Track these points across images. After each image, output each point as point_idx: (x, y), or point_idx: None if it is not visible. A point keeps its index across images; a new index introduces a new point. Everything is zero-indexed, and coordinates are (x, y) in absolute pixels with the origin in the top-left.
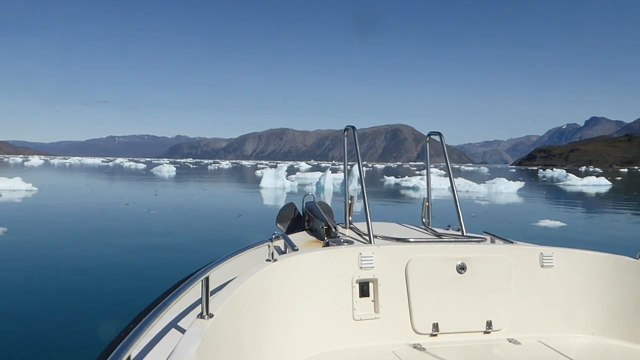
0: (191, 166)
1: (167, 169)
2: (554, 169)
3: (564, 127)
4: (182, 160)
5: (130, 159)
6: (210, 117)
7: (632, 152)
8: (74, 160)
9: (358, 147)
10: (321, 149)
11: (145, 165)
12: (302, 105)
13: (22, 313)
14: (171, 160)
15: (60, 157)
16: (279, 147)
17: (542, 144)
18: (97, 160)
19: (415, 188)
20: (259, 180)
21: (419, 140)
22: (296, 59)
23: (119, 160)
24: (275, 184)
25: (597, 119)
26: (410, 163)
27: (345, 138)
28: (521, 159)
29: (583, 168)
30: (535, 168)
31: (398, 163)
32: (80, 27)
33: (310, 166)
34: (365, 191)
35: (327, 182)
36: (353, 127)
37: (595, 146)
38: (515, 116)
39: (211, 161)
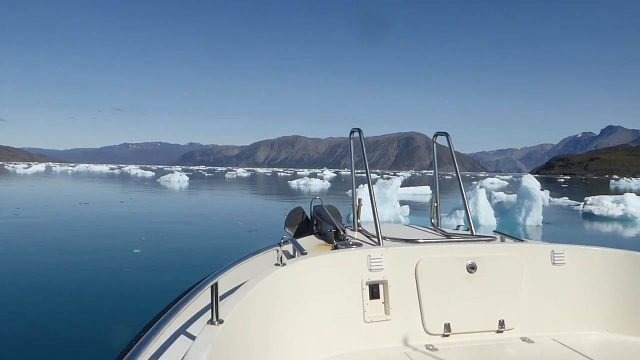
0: (205, 174)
1: (177, 178)
2: (630, 179)
3: (579, 135)
4: (195, 168)
5: (142, 166)
6: (223, 125)
7: None
8: (81, 167)
9: (365, 150)
10: (333, 156)
11: (153, 174)
12: (314, 112)
13: (35, 322)
14: (184, 167)
15: (67, 164)
16: (291, 154)
17: (556, 152)
18: (105, 168)
19: (628, 220)
20: (309, 196)
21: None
22: (309, 66)
23: (127, 167)
24: (382, 211)
25: (614, 128)
26: (424, 171)
27: (352, 141)
28: (538, 167)
29: (616, 177)
30: (564, 178)
31: (411, 171)
32: (95, 34)
33: (334, 174)
34: (372, 193)
35: (482, 206)
36: (359, 130)
37: (616, 155)
38: (529, 125)
39: (225, 169)
